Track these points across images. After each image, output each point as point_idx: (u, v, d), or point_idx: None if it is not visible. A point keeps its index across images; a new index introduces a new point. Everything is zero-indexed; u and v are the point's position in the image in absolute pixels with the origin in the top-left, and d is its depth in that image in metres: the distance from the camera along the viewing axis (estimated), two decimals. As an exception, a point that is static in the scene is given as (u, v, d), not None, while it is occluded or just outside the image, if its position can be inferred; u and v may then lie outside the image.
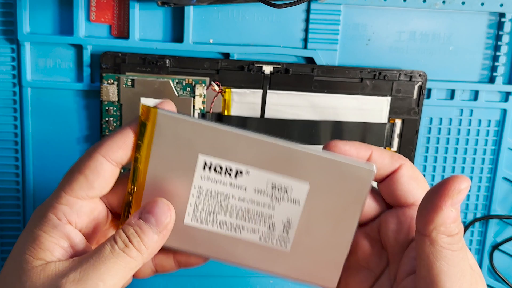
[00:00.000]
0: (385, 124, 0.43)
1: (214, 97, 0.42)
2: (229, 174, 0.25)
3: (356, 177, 0.26)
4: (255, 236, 0.27)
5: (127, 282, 0.27)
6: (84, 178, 0.24)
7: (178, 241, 0.26)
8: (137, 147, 0.25)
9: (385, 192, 0.27)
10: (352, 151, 0.26)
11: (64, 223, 0.24)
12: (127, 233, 0.24)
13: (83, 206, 0.25)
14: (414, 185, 0.27)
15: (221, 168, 0.25)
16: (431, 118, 0.45)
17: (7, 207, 0.44)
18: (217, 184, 0.25)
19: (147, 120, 0.24)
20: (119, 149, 0.25)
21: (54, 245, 0.24)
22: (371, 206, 0.28)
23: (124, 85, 0.41)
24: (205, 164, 0.25)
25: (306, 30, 0.43)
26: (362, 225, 0.28)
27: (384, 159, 0.27)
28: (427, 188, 0.27)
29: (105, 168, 0.25)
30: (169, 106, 0.26)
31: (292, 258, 0.27)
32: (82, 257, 0.24)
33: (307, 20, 0.42)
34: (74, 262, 0.23)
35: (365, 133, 0.43)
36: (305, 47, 0.43)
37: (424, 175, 0.46)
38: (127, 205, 0.26)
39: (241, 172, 0.25)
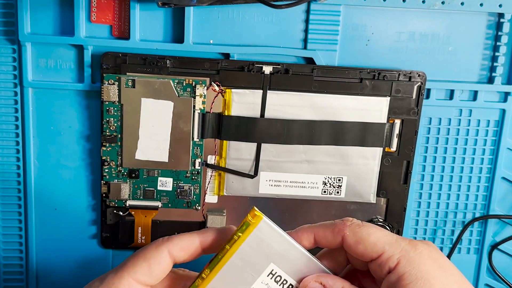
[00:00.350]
0: (384, 124, 0.43)
1: (214, 97, 0.42)
2: (283, 286, 0.29)
3: None
4: None
5: None
6: (147, 266, 0.28)
7: None
8: (231, 240, 0.28)
9: None
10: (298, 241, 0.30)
11: None
12: None
13: None
14: (361, 247, 0.28)
15: (280, 278, 0.29)
16: (430, 118, 0.46)
17: (8, 207, 0.45)
18: None
19: (251, 220, 0.28)
20: (182, 250, 0.28)
21: None
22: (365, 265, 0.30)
23: (124, 86, 0.41)
24: (271, 272, 0.29)
25: (306, 31, 0.43)
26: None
27: (327, 238, 0.29)
28: (376, 242, 0.28)
29: (166, 262, 0.28)
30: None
31: None
32: None
33: (307, 21, 0.43)
34: None
35: (365, 133, 0.43)
36: (305, 47, 0.43)
37: (423, 175, 0.46)
38: (193, 286, 0.29)
39: (291, 286, 0.29)
